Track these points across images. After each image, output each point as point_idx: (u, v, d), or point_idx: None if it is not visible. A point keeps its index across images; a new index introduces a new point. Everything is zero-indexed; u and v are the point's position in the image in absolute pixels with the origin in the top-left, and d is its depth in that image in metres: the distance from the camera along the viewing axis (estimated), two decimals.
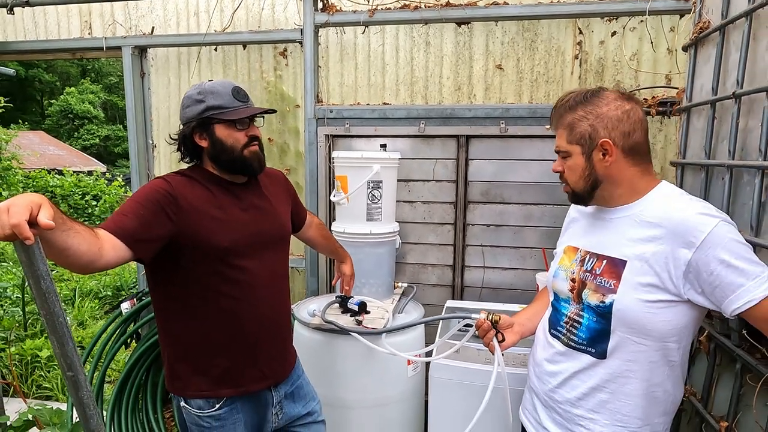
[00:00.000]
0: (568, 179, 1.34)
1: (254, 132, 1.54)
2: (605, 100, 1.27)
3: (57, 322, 1.07)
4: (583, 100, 1.28)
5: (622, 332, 1.24)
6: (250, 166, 1.53)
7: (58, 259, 1.14)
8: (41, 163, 11.56)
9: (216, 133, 1.49)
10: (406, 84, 2.67)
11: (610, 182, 1.28)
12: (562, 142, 1.32)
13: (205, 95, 1.48)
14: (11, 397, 3.30)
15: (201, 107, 1.48)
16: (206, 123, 1.48)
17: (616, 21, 2.40)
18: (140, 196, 1.41)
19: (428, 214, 2.68)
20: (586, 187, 1.31)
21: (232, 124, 1.49)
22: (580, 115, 1.27)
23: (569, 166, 1.32)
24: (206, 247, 1.45)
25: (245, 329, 1.53)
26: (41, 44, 2.95)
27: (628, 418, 1.28)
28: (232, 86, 1.51)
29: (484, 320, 1.52)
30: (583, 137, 1.27)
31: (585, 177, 1.30)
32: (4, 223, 0.92)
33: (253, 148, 1.53)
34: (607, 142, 1.24)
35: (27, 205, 0.94)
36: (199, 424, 1.53)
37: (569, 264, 1.41)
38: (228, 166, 1.53)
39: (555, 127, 1.35)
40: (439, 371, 1.98)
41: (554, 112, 1.35)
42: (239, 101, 1.50)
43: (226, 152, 1.50)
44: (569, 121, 1.29)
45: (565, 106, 1.30)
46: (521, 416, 1.58)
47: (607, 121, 1.25)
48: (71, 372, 1.17)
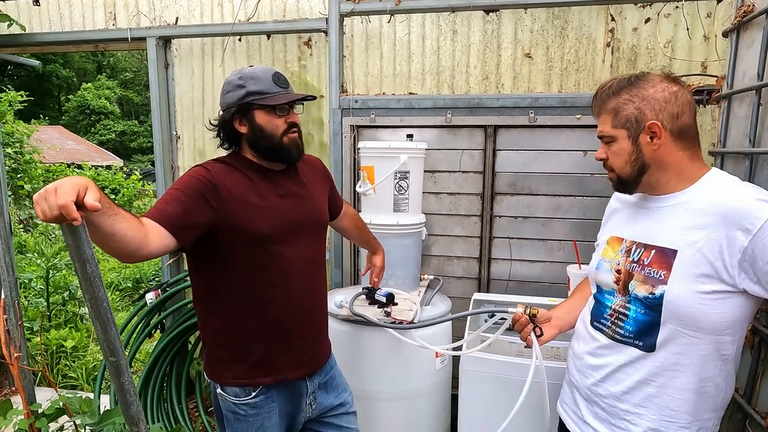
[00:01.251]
0: (613, 165, 1.30)
1: (294, 119, 1.53)
2: (651, 82, 1.23)
3: (101, 307, 1.07)
4: (628, 84, 1.25)
5: (672, 325, 1.20)
6: (288, 153, 1.52)
7: (105, 244, 1.13)
8: (60, 158, 11.71)
9: (256, 119, 1.48)
10: (432, 73, 2.63)
11: (658, 167, 1.24)
12: (606, 127, 1.28)
13: (245, 80, 1.46)
14: (37, 386, 3.35)
15: (241, 92, 1.46)
16: (246, 109, 1.47)
17: (650, 7, 2.33)
18: (181, 183, 1.42)
19: (454, 206, 2.65)
20: (632, 173, 1.27)
21: (272, 110, 1.47)
22: (625, 99, 1.24)
23: (614, 151, 1.28)
24: (246, 234, 1.45)
25: (282, 316, 1.53)
26: (66, 35, 2.96)
27: (676, 413, 1.24)
28: (272, 72, 1.49)
29: (522, 314, 1.49)
30: (629, 120, 1.23)
31: (632, 162, 1.26)
32: (52, 204, 0.92)
33: (293, 135, 1.52)
34: (656, 124, 1.20)
35: (74, 186, 0.94)
36: (235, 411, 1.54)
37: (614, 255, 1.37)
38: (267, 153, 1.52)
39: (597, 113, 1.32)
40: (470, 364, 1.96)
41: (595, 99, 1.32)
42: (280, 87, 1.48)
43: (266, 139, 1.49)
44: (613, 106, 1.26)
45: (608, 91, 1.27)
46: (559, 410, 1.55)
47: (654, 103, 1.21)
48: (114, 357, 1.17)
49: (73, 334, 3.91)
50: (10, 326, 2.00)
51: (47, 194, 0.93)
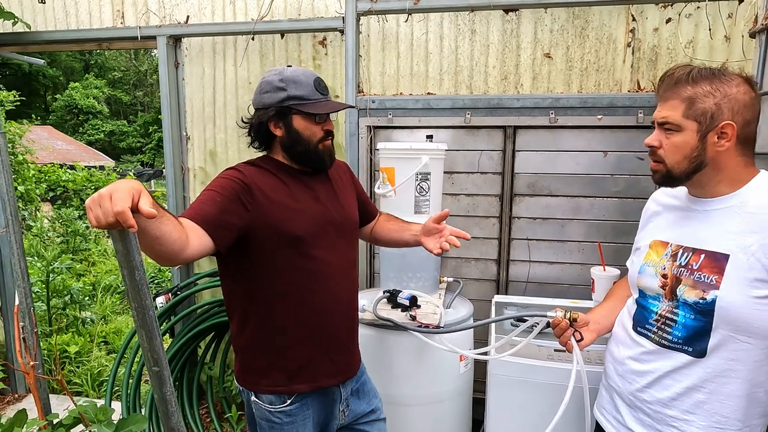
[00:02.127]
0: (666, 156, 1.24)
1: (330, 126, 1.51)
2: (734, 81, 1.18)
3: (148, 316, 1.04)
4: (711, 76, 1.19)
5: (724, 330, 1.18)
6: (322, 160, 1.51)
7: (150, 248, 1.10)
8: (50, 158, 11.52)
9: (293, 124, 1.45)
10: (450, 73, 2.60)
11: (714, 168, 1.21)
12: (675, 114, 1.21)
13: (287, 84, 1.43)
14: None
15: (282, 95, 1.43)
16: (285, 112, 1.44)
17: (671, 7, 2.32)
18: (216, 185, 1.40)
19: (472, 207, 2.62)
20: (687, 169, 1.22)
21: (311, 117, 1.45)
22: (705, 91, 1.18)
23: (675, 142, 1.22)
24: (281, 236, 1.42)
25: (320, 321, 1.50)
26: (74, 34, 2.88)
27: (726, 420, 1.22)
28: (314, 77, 1.46)
29: (562, 318, 1.47)
30: (704, 115, 1.18)
31: (692, 158, 1.21)
32: (108, 210, 0.88)
33: (327, 143, 1.51)
34: (731, 125, 1.16)
35: (129, 191, 0.90)
36: (270, 419, 1.50)
37: (658, 259, 1.34)
38: (300, 158, 1.50)
39: (666, 97, 1.23)
40: (499, 368, 1.93)
41: (667, 80, 1.24)
42: (320, 93, 1.46)
43: (302, 144, 1.47)
44: (690, 95, 1.19)
45: (686, 77, 1.20)
46: (597, 415, 1.53)
47: (734, 104, 1.16)
48: (157, 367, 1.13)
49: (76, 339, 3.83)
50: (26, 334, 1.93)
51: (102, 200, 0.89)
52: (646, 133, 2.33)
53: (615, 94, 2.37)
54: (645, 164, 2.38)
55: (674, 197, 1.39)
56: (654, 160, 1.28)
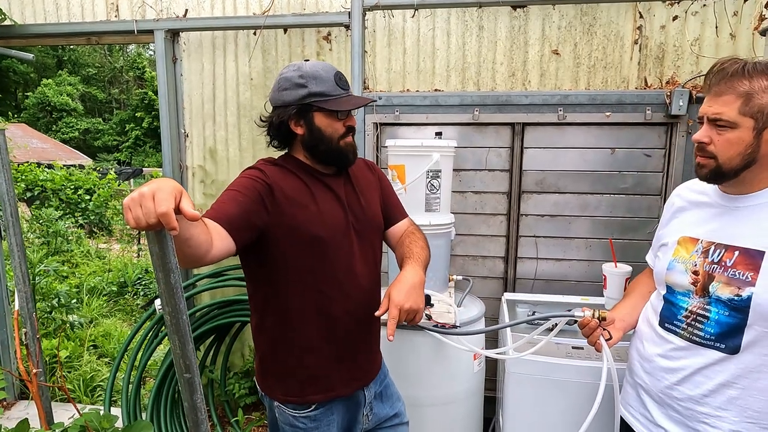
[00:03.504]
0: (719, 153, 1.21)
1: (352, 122, 1.45)
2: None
3: (181, 320, 0.99)
4: (766, 71, 1.16)
5: (760, 327, 1.17)
6: (345, 157, 1.45)
7: (179, 250, 1.04)
8: (26, 156, 11.16)
9: (315, 122, 1.39)
10: (457, 70, 2.58)
11: (762, 165, 1.20)
12: (731, 111, 1.18)
13: (307, 80, 1.37)
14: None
15: (302, 92, 1.37)
16: (306, 110, 1.38)
17: (678, 5, 2.34)
18: (237, 185, 1.34)
19: (480, 205, 2.61)
20: (738, 165, 1.20)
21: (333, 113, 1.39)
22: (763, 86, 1.15)
23: (729, 138, 1.19)
24: (301, 240, 1.37)
25: (338, 328, 1.45)
26: (66, 27, 2.77)
27: (759, 414, 1.22)
28: (334, 71, 1.41)
29: (591, 318, 1.46)
30: (761, 111, 1.15)
31: (746, 154, 1.19)
32: (150, 211, 0.82)
33: (349, 140, 1.45)
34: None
35: (172, 192, 0.85)
36: (294, 424, 1.46)
37: (688, 256, 1.33)
38: (323, 157, 1.44)
39: (718, 92, 1.20)
40: (517, 366, 1.92)
41: (719, 74, 1.20)
42: (342, 89, 1.40)
43: (324, 142, 1.41)
44: (746, 90, 1.16)
45: (741, 71, 1.17)
46: (623, 412, 1.52)
47: None
48: (189, 374, 1.08)
49: (66, 343, 3.70)
50: (28, 340, 1.85)
51: (143, 199, 0.83)
52: (653, 130, 2.38)
53: (623, 91, 2.38)
54: (653, 161, 2.40)
55: (702, 193, 1.39)
56: (703, 156, 1.25)
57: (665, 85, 2.40)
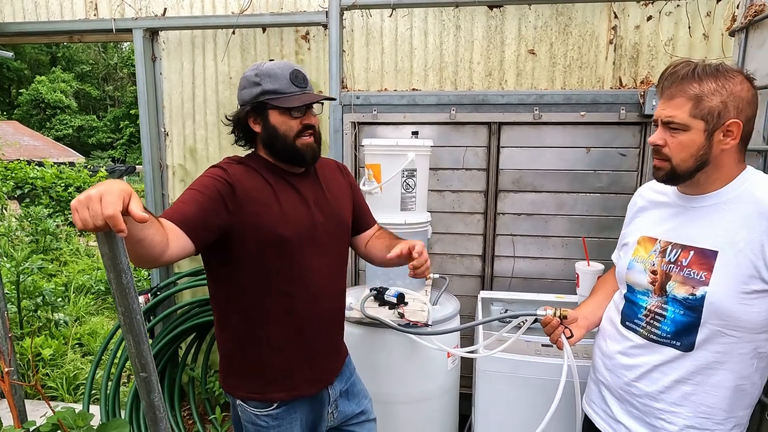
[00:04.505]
0: (672, 155, 1.22)
1: (310, 120, 1.43)
2: (737, 78, 1.17)
3: (134, 320, 1.00)
4: (715, 73, 1.17)
5: (713, 325, 1.19)
6: (302, 156, 1.44)
7: (132, 251, 1.06)
8: (17, 154, 11.10)
9: (270, 119, 1.41)
10: (435, 69, 2.59)
11: (715, 165, 1.21)
12: (682, 114, 1.18)
13: (262, 78, 1.38)
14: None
15: (257, 91, 1.39)
16: (261, 108, 1.40)
17: (652, 5, 2.36)
18: (198, 184, 1.35)
19: (457, 204, 2.62)
20: (692, 167, 1.21)
21: (287, 111, 1.39)
22: (712, 89, 1.16)
23: (681, 141, 1.20)
24: (263, 239, 1.37)
25: (303, 326, 1.46)
26: (44, 26, 2.77)
27: (712, 410, 1.24)
28: (291, 69, 1.41)
29: (552, 317, 1.47)
30: (711, 113, 1.16)
31: (698, 156, 1.20)
32: (97, 213, 0.84)
33: (307, 139, 1.43)
34: (736, 123, 1.16)
35: (120, 194, 0.86)
36: (256, 423, 1.47)
37: (647, 255, 1.35)
38: (280, 154, 1.45)
39: (671, 95, 1.20)
40: (487, 364, 1.93)
41: (671, 77, 1.21)
42: (297, 86, 1.40)
43: (279, 140, 1.41)
44: (696, 93, 1.16)
45: (691, 74, 1.17)
46: (586, 408, 1.54)
47: (739, 102, 1.16)
48: (144, 373, 1.09)
49: (50, 341, 3.70)
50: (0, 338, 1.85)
51: (90, 202, 0.84)
52: (628, 129, 2.40)
53: (598, 91, 2.40)
54: (627, 160, 2.42)
55: (661, 193, 1.40)
56: (659, 158, 1.26)
57: (639, 84, 2.41)
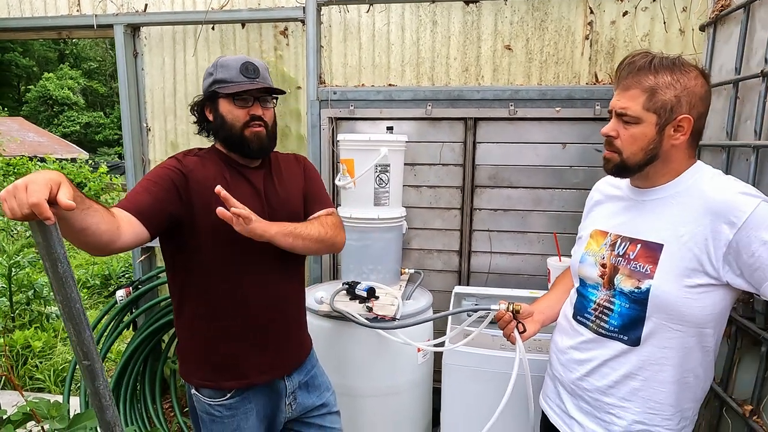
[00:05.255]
0: (623, 147, 1.21)
1: (257, 111, 1.45)
2: (692, 73, 1.16)
3: (74, 308, 1.02)
4: (671, 66, 1.15)
5: (657, 318, 1.19)
6: (247, 146, 1.46)
7: (76, 239, 1.10)
8: (21, 150, 11.22)
9: (219, 108, 1.45)
10: (412, 65, 2.59)
11: (664, 160, 1.20)
12: (635, 106, 1.17)
13: (215, 68, 1.44)
14: (2, 389, 3.20)
15: (209, 80, 1.45)
16: (213, 97, 1.45)
17: (628, 0, 2.35)
18: (152, 174, 1.40)
19: (434, 199, 2.63)
20: (641, 161, 1.21)
21: (233, 100, 1.43)
22: (666, 82, 1.14)
23: (633, 134, 1.19)
24: (214, 228, 1.39)
25: (253, 315, 1.49)
26: (27, 22, 2.80)
27: (660, 405, 1.24)
28: (243, 61, 1.44)
29: (505, 311, 1.47)
30: (664, 107, 1.14)
31: (648, 150, 1.19)
32: (22, 202, 0.86)
33: (255, 129, 1.45)
34: (688, 119, 1.15)
35: (47, 183, 0.88)
36: (210, 413, 1.49)
37: (598, 249, 1.35)
38: (227, 143, 1.49)
39: (626, 86, 1.18)
40: (453, 358, 1.95)
41: (627, 68, 1.19)
42: (246, 77, 1.43)
43: (225, 129, 1.45)
44: (651, 85, 1.15)
45: (648, 66, 1.16)
46: (542, 404, 1.55)
47: (692, 97, 1.14)
48: (87, 361, 1.11)
49: (40, 334, 3.75)
50: None
51: (17, 191, 0.87)
52: (603, 125, 2.37)
53: (573, 87, 2.39)
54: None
55: (616, 187, 1.40)
56: (609, 150, 1.26)
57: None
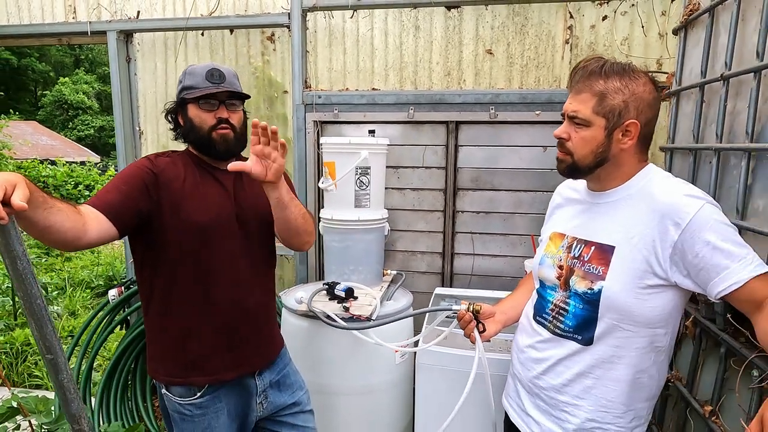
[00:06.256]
0: (574, 150, 1.24)
1: (223, 114, 1.51)
2: (641, 79, 1.19)
3: (35, 304, 1.05)
4: (621, 71, 1.18)
5: (609, 319, 1.22)
6: (214, 147, 1.52)
7: (41, 236, 1.15)
8: (34, 153, 11.45)
9: (189, 113, 1.51)
10: (396, 69, 2.63)
11: (614, 163, 1.23)
12: (586, 109, 1.20)
13: (184, 76, 1.52)
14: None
15: (179, 87, 1.52)
16: (183, 103, 1.52)
17: (607, 5, 2.37)
18: (124, 173, 1.46)
19: (418, 201, 2.66)
20: (591, 163, 1.24)
21: (200, 105, 1.49)
22: (616, 87, 1.17)
23: (583, 137, 1.22)
24: (184, 226, 1.45)
25: (220, 313, 1.52)
26: (25, 29, 2.90)
27: (611, 404, 1.26)
28: (209, 68, 1.50)
29: (465, 311, 1.50)
30: (612, 112, 1.17)
31: (597, 153, 1.22)
32: None
33: (223, 131, 1.51)
34: (635, 124, 1.18)
35: (1, 185, 0.92)
36: (181, 411, 1.53)
37: (556, 251, 1.38)
38: (197, 145, 1.55)
39: (578, 89, 1.21)
40: (426, 357, 1.98)
41: (580, 72, 1.22)
42: (211, 83, 1.49)
43: (194, 131, 1.51)
44: (601, 89, 1.18)
45: (599, 71, 1.19)
46: (504, 403, 1.57)
47: (639, 102, 1.17)
48: (50, 355, 1.15)
49: None
50: None
51: None
52: None
53: (553, 90, 2.41)
54: None
55: (575, 190, 1.43)
56: (562, 151, 1.29)
57: None
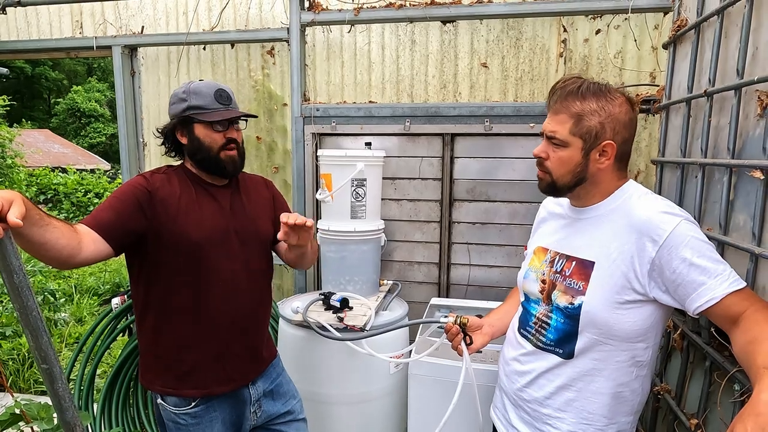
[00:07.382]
0: (552, 169, 1.27)
1: (232, 135, 1.57)
2: (618, 100, 1.21)
3: (31, 316, 1.09)
4: (598, 92, 1.20)
5: (589, 333, 1.24)
6: (224, 168, 1.57)
7: (36, 253, 1.18)
8: (45, 161, 11.66)
9: (195, 132, 1.54)
10: (392, 82, 2.68)
11: (593, 182, 1.26)
12: (563, 130, 1.22)
13: (188, 95, 1.52)
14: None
15: (183, 106, 1.52)
16: (187, 121, 1.53)
17: (600, 19, 2.40)
18: (119, 191, 1.48)
19: (414, 212, 2.69)
20: (570, 183, 1.26)
21: (210, 125, 1.52)
22: (592, 108, 1.19)
23: (561, 157, 1.24)
24: (179, 242, 1.48)
25: (213, 327, 1.55)
26: (34, 44, 2.98)
27: (593, 416, 1.28)
28: (216, 88, 1.54)
29: (453, 324, 1.52)
30: (589, 133, 1.20)
31: (575, 172, 1.24)
32: None
33: (230, 152, 1.56)
34: (611, 145, 1.20)
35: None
36: (176, 421, 1.56)
37: (539, 265, 1.40)
38: (204, 165, 1.57)
39: (556, 110, 1.23)
40: (418, 368, 2.00)
41: (558, 93, 1.24)
42: (221, 104, 1.53)
43: (203, 151, 1.54)
44: (578, 111, 1.20)
45: (576, 92, 1.21)
46: (492, 414, 1.58)
47: (615, 124, 1.20)
48: (46, 364, 1.18)
49: None
50: None
51: None
52: None
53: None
54: None
55: (559, 205, 1.46)
56: (541, 170, 1.31)
57: None
